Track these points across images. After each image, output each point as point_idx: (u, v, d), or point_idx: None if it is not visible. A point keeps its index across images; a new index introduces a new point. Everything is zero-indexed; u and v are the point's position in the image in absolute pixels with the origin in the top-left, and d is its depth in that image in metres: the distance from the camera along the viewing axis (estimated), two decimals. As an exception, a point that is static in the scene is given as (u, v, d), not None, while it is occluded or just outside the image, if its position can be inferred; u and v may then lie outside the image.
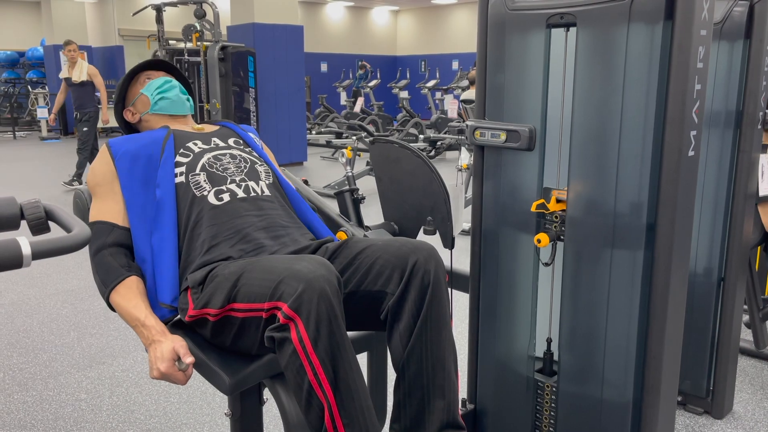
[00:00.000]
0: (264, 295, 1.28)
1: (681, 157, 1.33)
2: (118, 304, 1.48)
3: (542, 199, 1.57)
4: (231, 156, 1.68)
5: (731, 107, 2.03)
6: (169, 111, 1.79)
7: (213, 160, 1.64)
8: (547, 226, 1.57)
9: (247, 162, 1.69)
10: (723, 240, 2.12)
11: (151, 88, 1.79)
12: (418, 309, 1.37)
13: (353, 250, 1.48)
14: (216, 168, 1.62)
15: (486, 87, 1.65)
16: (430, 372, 1.39)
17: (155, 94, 1.78)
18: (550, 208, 1.54)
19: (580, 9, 1.41)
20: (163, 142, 1.65)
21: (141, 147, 1.64)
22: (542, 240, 1.54)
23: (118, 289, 1.48)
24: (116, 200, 1.60)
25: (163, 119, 1.79)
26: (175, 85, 1.81)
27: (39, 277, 3.93)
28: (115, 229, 1.57)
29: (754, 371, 2.60)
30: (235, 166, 1.66)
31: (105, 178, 1.62)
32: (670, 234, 1.37)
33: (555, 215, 1.55)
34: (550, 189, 1.56)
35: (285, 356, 1.24)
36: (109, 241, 1.55)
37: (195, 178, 1.60)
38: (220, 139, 1.74)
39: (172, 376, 1.38)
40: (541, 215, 1.58)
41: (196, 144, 1.68)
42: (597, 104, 1.42)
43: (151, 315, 1.44)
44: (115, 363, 2.70)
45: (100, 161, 1.65)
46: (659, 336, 1.42)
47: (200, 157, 1.64)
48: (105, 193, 1.61)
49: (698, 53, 1.31)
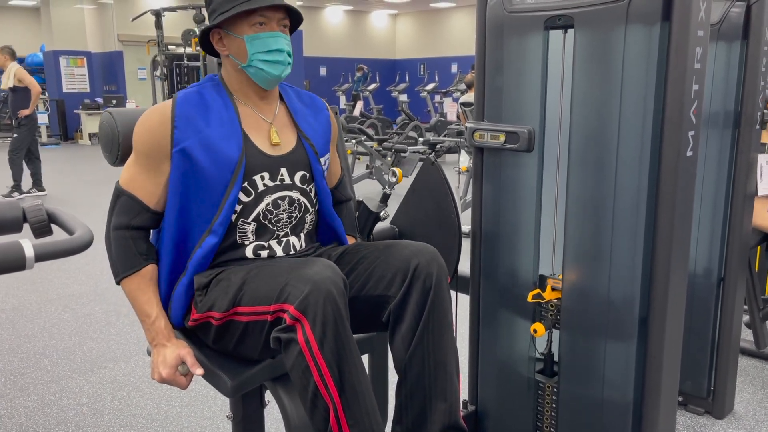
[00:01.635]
0: (270, 298, 1.28)
1: (680, 157, 1.34)
2: (130, 292, 1.44)
3: (538, 288, 1.61)
4: (290, 201, 1.49)
5: (729, 108, 2.04)
6: (262, 84, 1.47)
7: (271, 207, 1.47)
8: (543, 312, 1.59)
9: (301, 209, 1.52)
10: (722, 240, 2.13)
11: (257, 45, 1.42)
12: (420, 312, 1.37)
13: (355, 254, 1.48)
14: (269, 219, 1.47)
15: (485, 89, 1.65)
16: (432, 375, 1.39)
17: (258, 56, 1.43)
18: (545, 297, 1.58)
19: (577, 11, 1.42)
20: (234, 173, 1.41)
21: (209, 156, 1.40)
22: (538, 330, 1.58)
23: (133, 278, 1.43)
24: (158, 181, 1.42)
25: (247, 86, 1.49)
26: (286, 52, 1.45)
27: (40, 282, 3.93)
28: (145, 212, 1.43)
29: (754, 371, 2.60)
30: (287, 215, 1.50)
31: (154, 151, 1.41)
32: (669, 234, 1.37)
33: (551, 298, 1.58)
34: (546, 277, 1.60)
35: (291, 357, 1.24)
36: (134, 224, 1.43)
37: (244, 226, 1.46)
38: (289, 170, 1.50)
39: (173, 382, 1.38)
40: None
41: (263, 178, 1.46)
42: (595, 105, 1.42)
43: (161, 316, 1.43)
44: (116, 367, 2.70)
45: (158, 125, 1.40)
46: (659, 337, 1.43)
47: (260, 201, 1.46)
48: (148, 167, 1.42)
49: (696, 54, 1.32)
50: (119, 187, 1.45)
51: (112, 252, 1.44)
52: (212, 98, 1.47)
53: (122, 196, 1.43)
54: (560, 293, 1.57)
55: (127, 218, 1.43)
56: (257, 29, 1.42)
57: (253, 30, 1.42)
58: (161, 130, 1.40)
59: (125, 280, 1.43)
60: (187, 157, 1.40)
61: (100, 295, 3.67)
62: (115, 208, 1.44)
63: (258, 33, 1.42)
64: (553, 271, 1.63)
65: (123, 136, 1.50)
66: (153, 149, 1.41)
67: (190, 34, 7.66)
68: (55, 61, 13.78)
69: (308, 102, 1.62)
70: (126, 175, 1.45)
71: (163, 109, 1.43)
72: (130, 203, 1.43)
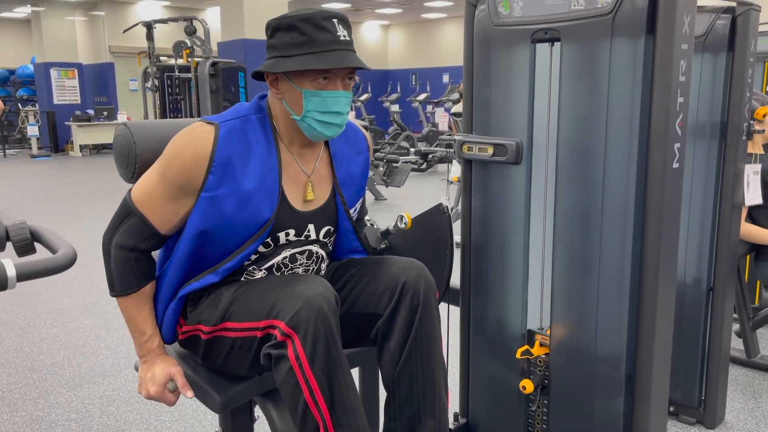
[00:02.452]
0: (260, 313, 1.27)
1: (666, 169, 1.35)
2: (126, 309, 1.39)
3: (527, 345, 1.61)
4: (308, 255, 1.43)
5: (716, 118, 2.05)
6: (312, 138, 1.35)
7: (288, 260, 1.41)
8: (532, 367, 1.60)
9: (318, 260, 1.47)
10: (711, 250, 2.14)
11: (316, 104, 1.29)
12: (408, 329, 1.37)
13: (345, 271, 1.48)
14: (282, 271, 1.42)
15: (473, 101, 1.66)
16: (421, 391, 1.39)
17: (314, 114, 1.30)
18: (534, 353, 1.59)
19: (563, 24, 1.43)
20: (261, 230, 1.34)
21: (239, 209, 1.31)
22: (527, 387, 1.58)
23: (132, 296, 1.37)
24: (177, 211, 1.32)
25: (294, 132, 1.36)
26: (345, 114, 1.33)
27: (29, 296, 3.90)
28: (155, 236, 1.34)
29: (745, 380, 2.60)
30: (303, 268, 1.44)
31: (182, 185, 1.29)
32: (657, 245, 1.38)
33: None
34: (534, 332, 1.61)
35: (281, 374, 1.23)
36: (141, 247, 1.34)
37: (253, 273, 1.41)
38: (317, 226, 1.42)
39: (161, 399, 1.37)
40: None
41: (288, 234, 1.38)
42: (582, 118, 1.43)
43: (156, 334, 1.41)
44: (105, 382, 2.68)
45: (193, 162, 1.27)
46: (648, 348, 1.43)
47: (278, 253, 1.39)
48: (170, 195, 1.31)
49: (680, 67, 1.33)
50: (132, 205, 1.33)
51: (111, 267, 1.36)
52: (256, 138, 1.33)
53: (134, 216, 1.32)
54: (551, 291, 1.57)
55: (134, 241, 1.33)
56: (320, 85, 1.28)
57: (315, 86, 1.28)
58: (195, 170, 1.27)
59: (123, 297, 1.38)
60: (216, 206, 1.29)
61: (89, 309, 3.65)
62: (121, 224, 1.34)
63: (320, 90, 1.28)
64: (542, 275, 1.63)
65: (140, 150, 1.40)
66: (182, 183, 1.29)
67: (182, 45, 7.67)
68: (46, 73, 13.75)
69: (352, 139, 1.52)
70: (142, 192, 1.32)
71: (202, 143, 1.27)
72: (140, 226, 1.32)
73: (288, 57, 1.27)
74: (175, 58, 7.79)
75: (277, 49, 1.29)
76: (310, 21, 1.26)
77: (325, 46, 1.26)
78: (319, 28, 1.26)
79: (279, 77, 1.31)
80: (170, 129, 1.44)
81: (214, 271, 1.36)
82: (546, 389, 1.61)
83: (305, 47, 1.26)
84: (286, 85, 1.31)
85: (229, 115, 1.35)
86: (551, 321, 1.56)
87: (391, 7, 16.35)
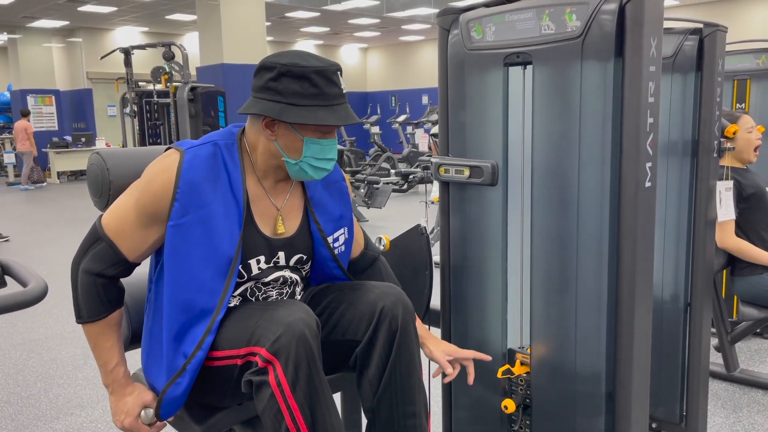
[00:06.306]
0: (241, 341, 1.26)
1: (638, 188, 1.37)
2: (92, 337, 1.36)
3: (507, 364, 1.62)
4: (282, 281, 1.43)
5: (687, 137, 2.09)
6: (295, 178, 1.39)
7: (260, 285, 1.41)
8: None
9: (291, 285, 1.46)
10: (687, 266, 2.16)
11: (315, 151, 1.33)
12: (386, 355, 1.37)
13: (323, 297, 1.47)
14: (256, 295, 1.42)
15: (449, 124, 1.68)
16: (401, 417, 1.38)
17: (310, 160, 1.33)
18: (515, 372, 1.59)
19: (534, 48, 1.46)
20: (233, 263, 1.32)
21: (205, 239, 1.30)
22: (509, 407, 1.58)
23: (98, 323, 1.34)
24: (146, 239, 1.32)
25: (273, 170, 1.38)
26: (335, 159, 1.38)
27: (4, 326, 3.82)
28: (123, 263, 1.33)
29: (726, 394, 2.62)
30: (277, 292, 1.44)
31: (152, 212, 1.29)
32: (632, 263, 1.39)
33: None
34: (515, 351, 1.62)
35: (262, 401, 1.22)
36: (108, 273, 1.32)
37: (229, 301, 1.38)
38: (287, 253, 1.42)
39: (136, 430, 1.35)
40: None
41: (258, 262, 1.38)
42: (556, 140, 1.45)
43: (122, 363, 1.37)
44: (83, 413, 2.62)
45: (161, 189, 1.28)
46: (627, 365, 1.44)
47: (248, 282, 1.39)
48: (141, 222, 1.30)
49: (649, 88, 1.36)
50: (101, 231, 1.32)
51: (77, 293, 1.34)
52: (224, 164, 1.33)
53: (102, 242, 1.31)
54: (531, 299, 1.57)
55: (101, 266, 1.31)
56: (321, 134, 1.33)
57: (317, 135, 1.32)
58: (163, 200, 1.28)
59: (89, 324, 1.35)
60: (183, 235, 1.28)
61: (66, 339, 3.58)
62: (89, 249, 1.32)
63: (320, 139, 1.32)
64: (521, 295, 1.64)
65: (113, 177, 1.40)
66: (151, 211, 1.29)
67: (160, 71, 7.65)
68: (23, 100, 13.64)
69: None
70: (113, 219, 1.32)
71: (168, 173, 1.28)
72: (108, 253, 1.31)
73: (298, 106, 1.28)
74: (154, 83, 7.77)
75: (283, 95, 1.28)
76: (323, 74, 1.29)
77: (334, 100, 1.31)
78: (330, 82, 1.30)
79: (278, 122, 1.31)
80: (144, 157, 1.44)
81: (210, 331, 1.30)
82: (528, 408, 1.61)
83: (316, 99, 1.29)
84: (286, 130, 1.32)
85: (199, 141, 1.36)
86: (531, 340, 1.57)
87: (370, 30, 16.52)
